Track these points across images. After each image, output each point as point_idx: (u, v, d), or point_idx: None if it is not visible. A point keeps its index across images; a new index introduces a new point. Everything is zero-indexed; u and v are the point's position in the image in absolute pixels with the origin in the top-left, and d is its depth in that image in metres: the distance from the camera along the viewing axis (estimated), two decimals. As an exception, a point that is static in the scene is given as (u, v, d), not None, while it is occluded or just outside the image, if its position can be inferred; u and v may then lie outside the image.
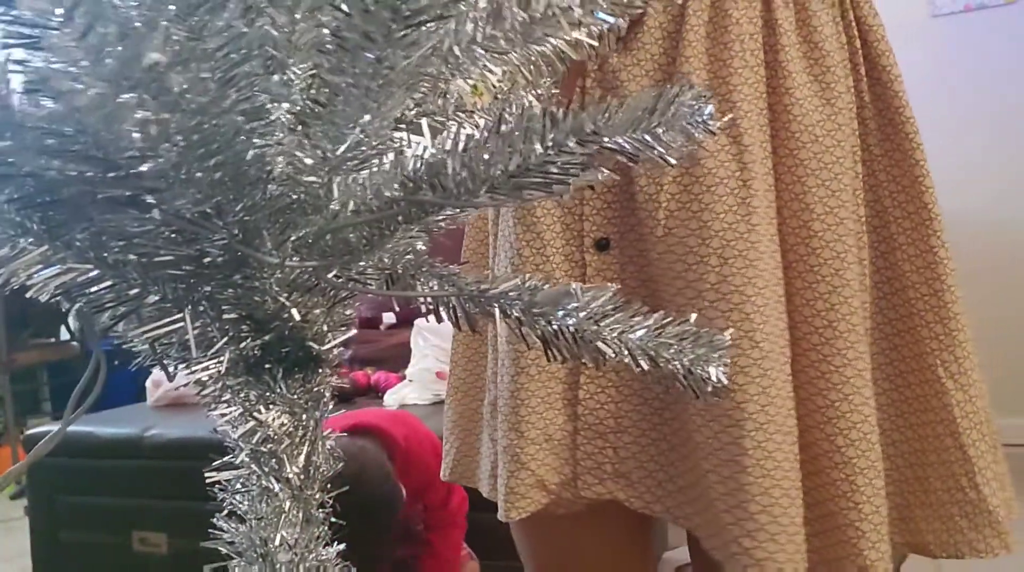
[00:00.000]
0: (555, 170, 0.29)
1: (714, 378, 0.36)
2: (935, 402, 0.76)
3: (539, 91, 0.48)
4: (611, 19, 0.36)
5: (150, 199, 0.29)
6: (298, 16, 0.37)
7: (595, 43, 0.42)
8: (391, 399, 1.98)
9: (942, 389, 0.76)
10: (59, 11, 0.24)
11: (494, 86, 0.43)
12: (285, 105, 0.37)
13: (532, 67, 0.44)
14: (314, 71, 0.36)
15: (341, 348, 0.44)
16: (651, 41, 0.75)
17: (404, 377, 2.07)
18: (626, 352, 0.37)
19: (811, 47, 0.75)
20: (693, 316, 0.37)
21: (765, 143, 0.74)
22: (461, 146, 0.33)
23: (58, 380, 3.94)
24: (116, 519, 1.91)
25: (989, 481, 0.75)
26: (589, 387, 0.78)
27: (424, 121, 0.44)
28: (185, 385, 0.43)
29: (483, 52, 0.38)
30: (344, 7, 0.29)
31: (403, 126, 0.43)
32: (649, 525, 0.89)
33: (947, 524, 0.76)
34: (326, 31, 0.36)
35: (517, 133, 0.29)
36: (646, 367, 0.37)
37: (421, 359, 2.05)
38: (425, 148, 0.37)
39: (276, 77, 0.37)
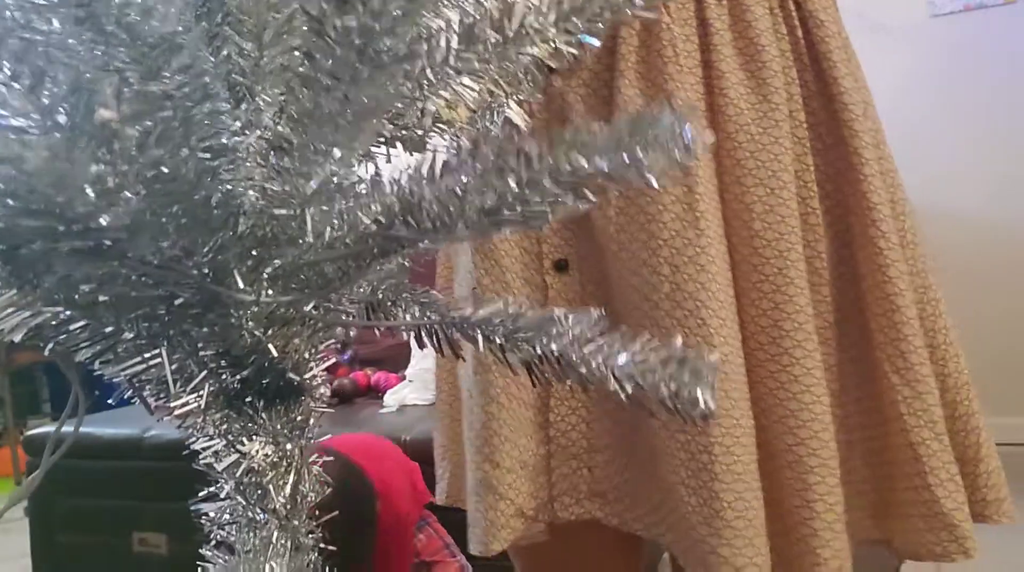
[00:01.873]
0: (533, 205, 0.28)
1: (702, 403, 0.35)
2: (886, 399, 0.75)
3: (520, 98, 0.47)
4: (592, 40, 0.35)
5: (114, 247, 0.28)
6: (266, 40, 0.36)
7: (576, 52, 0.41)
8: (391, 399, 1.97)
9: (889, 385, 0.74)
10: (6, 65, 0.23)
11: (470, 102, 0.42)
12: (257, 132, 0.36)
13: (511, 79, 0.43)
14: (283, 97, 0.35)
15: (337, 355, 0.43)
16: (591, 58, 0.74)
17: (404, 377, 2.06)
18: (611, 377, 0.37)
19: (746, 43, 0.74)
20: (679, 338, 0.36)
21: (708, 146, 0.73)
22: (437, 175, 0.32)
23: (58, 380, 3.93)
24: (116, 520, 1.92)
25: (943, 482, 0.72)
26: (559, 409, 0.78)
27: (400, 139, 0.43)
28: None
29: (456, 73, 0.37)
30: (310, 49, 0.27)
31: (380, 140, 0.42)
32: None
33: (905, 524, 0.75)
34: (296, 55, 0.35)
35: (492, 171, 0.28)
36: (631, 391, 0.37)
37: (421, 359, 2.04)
38: (401, 172, 0.36)
39: (244, 106, 0.36)
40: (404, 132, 0.44)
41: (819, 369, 0.73)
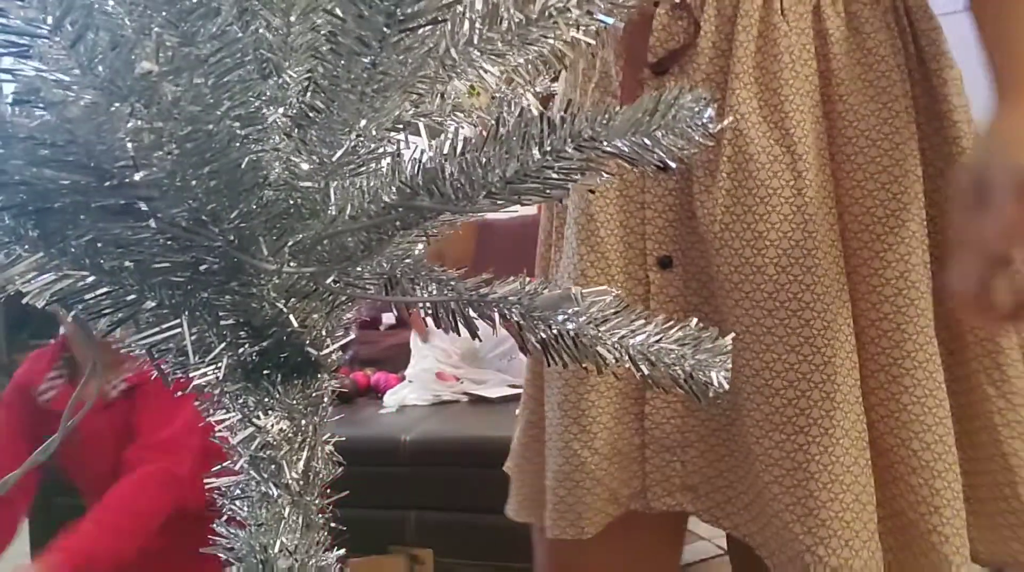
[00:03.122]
0: (553, 175, 0.29)
1: (715, 383, 0.36)
2: (980, 409, 0.76)
3: (537, 90, 0.48)
4: (609, 20, 0.36)
5: (145, 207, 0.28)
6: (293, 19, 0.37)
7: (592, 42, 0.42)
8: (391, 400, 1.97)
9: (984, 396, 0.75)
10: (49, 19, 0.24)
11: (491, 87, 0.43)
12: (280, 109, 0.37)
13: (530, 67, 0.44)
14: (309, 74, 0.36)
15: (340, 352, 0.44)
16: (705, 61, 0.76)
17: (404, 378, 2.07)
18: (626, 357, 0.37)
19: (864, 53, 0.75)
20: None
21: (823, 151, 0.74)
22: (459, 150, 0.32)
23: (58, 381, 3.93)
24: (116, 520, 1.91)
25: None
26: (655, 402, 0.79)
27: (421, 123, 0.44)
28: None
29: (479, 54, 0.38)
30: (338, 11, 0.28)
31: (400, 127, 0.43)
32: (680, 536, 0.89)
33: (994, 534, 0.75)
34: (322, 33, 0.36)
35: (515, 138, 0.29)
36: (646, 372, 0.37)
37: (421, 360, 2.05)
38: (423, 151, 0.36)
39: (271, 81, 0.37)
40: (423, 119, 0.45)
41: (940, 373, 0.73)
